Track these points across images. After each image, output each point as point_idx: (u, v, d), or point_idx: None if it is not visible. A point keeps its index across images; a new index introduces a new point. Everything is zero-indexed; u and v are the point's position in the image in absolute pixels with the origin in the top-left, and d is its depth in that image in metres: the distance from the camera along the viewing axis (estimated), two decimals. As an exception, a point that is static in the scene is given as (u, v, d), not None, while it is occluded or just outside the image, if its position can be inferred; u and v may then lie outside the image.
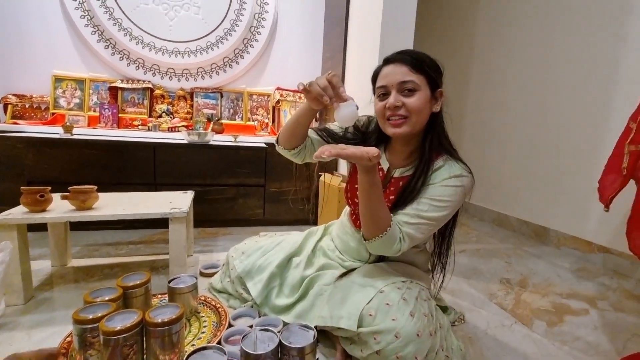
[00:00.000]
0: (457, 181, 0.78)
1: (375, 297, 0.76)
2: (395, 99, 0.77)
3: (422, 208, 0.77)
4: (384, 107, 0.80)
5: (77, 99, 2.12)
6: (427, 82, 0.79)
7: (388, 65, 0.80)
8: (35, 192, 1.04)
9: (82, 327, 0.76)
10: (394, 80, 0.78)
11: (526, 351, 0.95)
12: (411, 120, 0.79)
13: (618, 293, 1.38)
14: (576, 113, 1.86)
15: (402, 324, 0.69)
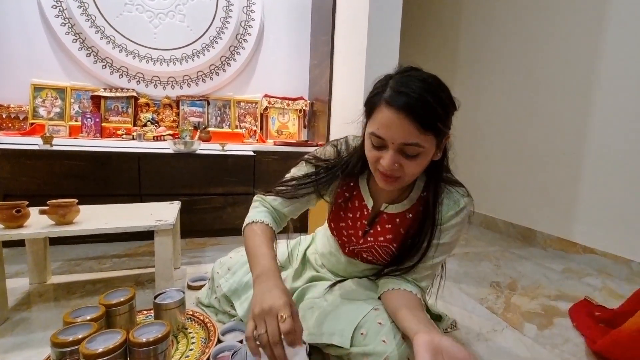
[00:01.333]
0: (463, 215, 0.74)
1: (369, 314, 0.74)
2: (392, 162, 0.63)
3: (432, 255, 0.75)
4: (376, 159, 0.66)
5: (57, 108, 2.06)
6: (435, 139, 0.64)
7: (391, 110, 0.61)
8: (11, 207, 0.99)
9: (60, 351, 0.72)
10: (395, 139, 0.62)
11: (519, 356, 0.95)
12: (405, 181, 0.68)
13: (604, 292, 1.41)
14: (560, 117, 1.91)
15: (391, 348, 0.67)
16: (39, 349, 0.89)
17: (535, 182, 2.06)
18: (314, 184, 0.80)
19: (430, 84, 0.62)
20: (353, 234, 0.84)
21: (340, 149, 0.82)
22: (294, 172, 0.86)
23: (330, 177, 0.80)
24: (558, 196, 1.91)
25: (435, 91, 0.61)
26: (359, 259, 0.88)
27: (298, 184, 0.81)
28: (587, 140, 1.74)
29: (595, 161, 1.71)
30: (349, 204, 0.84)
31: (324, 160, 0.81)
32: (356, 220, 0.83)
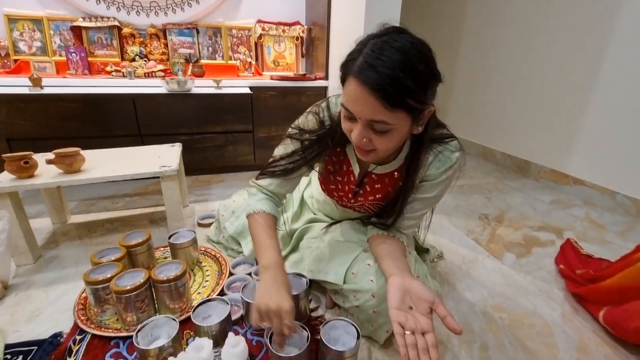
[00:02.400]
0: (450, 172, 0.73)
1: (359, 256, 0.83)
2: (360, 137, 0.60)
3: (417, 208, 0.78)
4: (349, 131, 0.63)
5: (38, 42, 1.93)
6: (408, 115, 0.58)
7: (358, 84, 0.55)
8: (19, 159, 1.02)
9: (94, 287, 0.83)
10: (360, 113, 0.58)
11: (494, 282, 1.08)
12: (378, 154, 0.65)
13: (585, 223, 1.52)
14: (565, 52, 1.79)
15: (378, 286, 0.76)
16: (74, 282, 1.02)
17: (535, 114, 2.02)
18: (303, 160, 0.78)
19: (407, 55, 0.54)
20: (343, 195, 0.87)
21: (322, 116, 0.77)
22: (281, 151, 0.82)
23: (319, 150, 0.77)
24: (557, 129, 1.90)
25: (410, 65, 0.54)
26: (352, 210, 0.94)
27: (288, 163, 0.80)
28: (596, 75, 1.66)
29: (600, 96, 1.66)
30: (337, 167, 0.84)
31: (308, 133, 0.77)
32: (345, 184, 0.84)
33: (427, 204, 0.79)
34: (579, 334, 0.88)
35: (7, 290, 0.98)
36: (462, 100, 2.64)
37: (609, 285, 0.90)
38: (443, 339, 0.84)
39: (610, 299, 0.90)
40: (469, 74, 2.54)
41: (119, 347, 0.79)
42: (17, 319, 0.88)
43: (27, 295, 0.97)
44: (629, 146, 1.56)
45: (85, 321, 0.85)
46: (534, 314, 0.94)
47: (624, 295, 0.86)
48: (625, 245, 1.33)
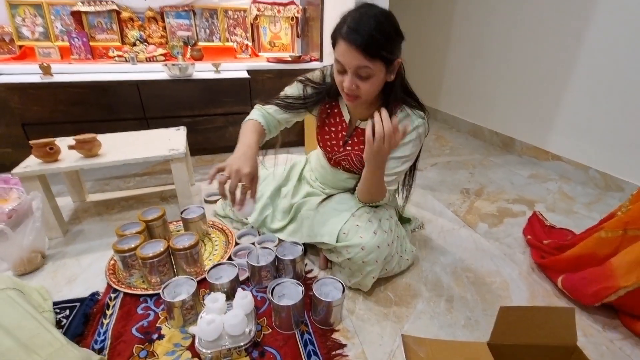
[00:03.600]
0: (415, 133, 0.90)
1: (349, 220, 0.98)
2: (350, 83, 0.80)
3: (392, 166, 0.92)
4: (340, 82, 0.83)
5: (40, 27, 1.99)
6: (382, 64, 0.78)
7: (345, 42, 0.76)
8: (44, 145, 1.15)
9: (122, 255, 0.99)
10: (350, 64, 0.78)
11: (466, 248, 1.24)
12: (363, 98, 0.84)
13: (556, 195, 1.66)
14: (546, 33, 1.86)
15: (366, 240, 0.92)
16: (101, 252, 1.18)
17: (520, 93, 2.12)
18: (303, 102, 1.02)
19: (379, 21, 0.75)
20: (335, 144, 1.04)
21: (325, 73, 1.01)
22: (288, 91, 1.04)
23: (317, 98, 1.01)
24: (539, 107, 2.01)
25: (382, 27, 0.75)
26: (340, 168, 1.09)
27: (292, 102, 1.02)
28: (579, 56, 1.74)
29: (582, 76, 1.75)
30: (331, 119, 1.04)
31: (313, 83, 1.01)
32: (337, 133, 1.03)
33: (399, 163, 0.93)
34: (531, 288, 1.05)
35: (45, 260, 1.14)
36: (453, 80, 2.71)
37: (569, 255, 1.02)
38: (416, 292, 1.01)
39: (568, 267, 1.02)
40: (461, 54, 2.60)
41: (148, 302, 0.95)
42: (57, 282, 1.04)
43: (63, 263, 1.13)
44: (603, 123, 1.68)
45: (117, 282, 1.01)
46: (496, 273, 1.11)
47: (582, 263, 0.98)
48: (589, 216, 1.48)
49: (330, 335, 0.86)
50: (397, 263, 1.02)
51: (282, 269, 1.03)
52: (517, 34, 2.10)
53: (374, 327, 0.89)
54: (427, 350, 0.67)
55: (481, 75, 2.43)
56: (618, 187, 1.63)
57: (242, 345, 0.79)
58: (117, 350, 0.81)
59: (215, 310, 0.82)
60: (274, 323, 0.89)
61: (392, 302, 0.98)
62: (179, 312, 0.86)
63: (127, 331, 0.86)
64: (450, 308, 0.96)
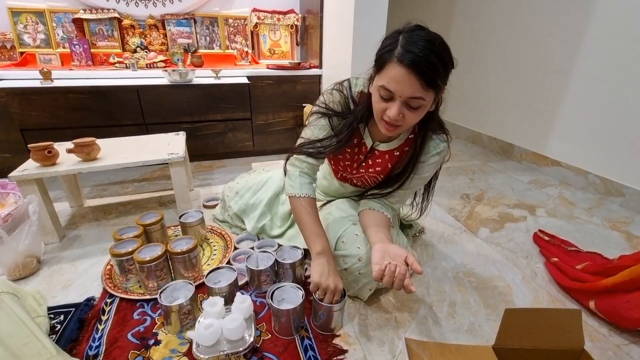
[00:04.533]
0: (439, 157, 0.90)
1: (348, 228, 0.96)
2: (397, 113, 0.72)
3: (413, 184, 0.93)
4: (382, 110, 0.75)
5: (41, 34, 2.00)
6: (435, 94, 0.73)
7: (401, 67, 0.67)
8: (43, 149, 1.14)
9: (119, 259, 0.97)
10: (403, 93, 0.69)
11: (467, 252, 1.22)
12: (403, 128, 0.78)
13: (557, 201, 1.66)
14: (544, 39, 1.88)
15: (364, 251, 0.90)
16: (97, 257, 1.16)
17: (520, 99, 2.13)
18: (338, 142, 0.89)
19: (435, 45, 0.67)
20: (349, 165, 0.99)
21: (346, 94, 0.88)
22: (315, 131, 0.92)
23: (350, 131, 0.88)
24: (538, 113, 2.02)
25: (439, 52, 0.67)
26: (348, 183, 1.07)
27: (327, 145, 0.90)
28: (576, 61, 1.76)
29: (580, 81, 1.76)
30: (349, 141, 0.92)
31: (337, 113, 0.89)
32: (354, 155, 0.96)
33: (420, 182, 0.95)
34: (535, 293, 1.03)
35: (40, 265, 1.12)
36: (452, 85, 2.72)
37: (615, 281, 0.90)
38: (418, 297, 1.00)
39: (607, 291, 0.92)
40: (460, 61, 2.62)
41: (144, 307, 0.93)
42: (53, 287, 1.02)
43: (59, 268, 1.11)
44: (602, 128, 1.69)
45: (113, 287, 0.99)
46: (499, 278, 1.09)
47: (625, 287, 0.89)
48: (590, 221, 1.47)
49: (331, 341, 0.84)
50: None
51: (281, 273, 1.01)
52: (514, 39, 2.12)
53: (376, 332, 0.87)
54: (431, 354, 0.65)
55: (479, 81, 2.46)
56: (618, 192, 1.63)
57: (241, 351, 0.77)
58: (112, 356, 0.78)
59: (214, 315, 0.80)
60: (274, 328, 0.87)
61: (393, 307, 0.96)
62: (176, 317, 0.84)
63: (123, 337, 0.84)
64: (453, 313, 0.94)
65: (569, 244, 1.24)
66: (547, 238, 1.27)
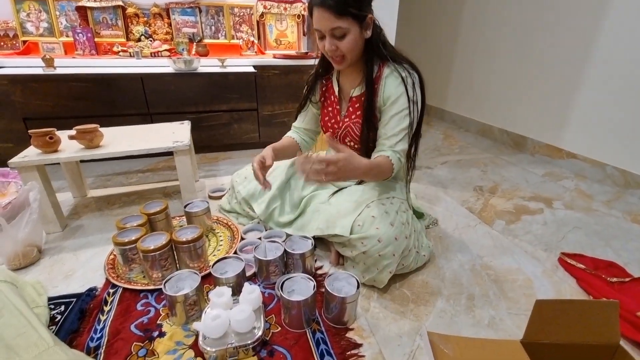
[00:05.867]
0: (401, 87, 0.89)
1: (363, 211, 0.92)
2: (330, 45, 0.85)
3: (393, 125, 0.90)
4: (323, 48, 0.88)
5: (45, 22, 1.96)
6: (354, 21, 0.83)
7: (317, 8, 0.82)
8: (44, 135, 1.10)
9: (123, 248, 0.93)
10: (324, 27, 0.83)
11: (483, 244, 1.17)
12: (348, 57, 0.88)
13: (574, 193, 1.60)
14: (560, 28, 1.81)
15: (383, 231, 0.87)
16: (100, 247, 1.12)
17: (532, 91, 2.06)
18: (306, 91, 1.09)
19: None
20: (335, 122, 1.05)
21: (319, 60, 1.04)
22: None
23: (314, 80, 1.07)
24: (552, 105, 1.95)
25: None
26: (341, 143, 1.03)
27: (302, 101, 1.11)
28: (594, 48, 1.69)
29: (597, 70, 1.70)
30: (327, 100, 1.07)
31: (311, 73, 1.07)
32: (333, 109, 1.05)
33: (400, 119, 0.90)
34: (557, 286, 0.98)
35: (41, 254, 1.08)
36: (461, 79, 2.67)
37: None
38: (434, 290, 0.95)
39: None
40: (468, 53, 2.56)
41: (148, 298, 0.89)
42: (54, 277, 0.99)
43: (60, 258, 1.07)
44: (620, 119, 1.62)
45: (116, 277, 0.95)
46: (518, 271, 1.04)
47: None
48: (610, 213, 1.41)
49: (345, 335, 0.80)
50: (413, 259, 0.96)
51: (290, 264, 0.97)
52: (527, 26, 2.05)
53: (391, 326, 0.83)
54: (455, 348, 0.60)
55: (490, 73, 2.39)
56: (638, 184, 1.56)
57: (250, 344, 0.73)
58: (115, 348, 0.75)
59: (221, 305, 0.76)
60: (283, 321, 0.83)
61: (409, 299, 0.91)
62: (181, 308, 0.80)
63: (126, 328, 0.80)
64: (472, 306, 0.90)
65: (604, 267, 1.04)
66: (574, 262, 1.06)
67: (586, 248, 1.16)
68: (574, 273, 1.03)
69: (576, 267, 1.04)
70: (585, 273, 1.02)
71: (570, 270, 1.04)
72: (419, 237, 1.01)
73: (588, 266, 1.03)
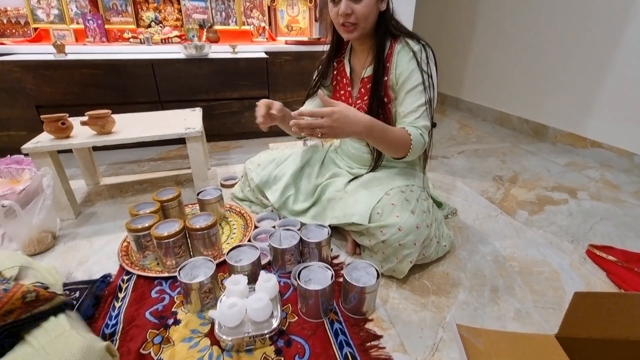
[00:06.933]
0: (413, 62, 0.86)
1: (382, 199, 0.88)
2: (345, 7, 0.82)
3: (411, 101, 0.86)
4: (336, 14, 0.85)
5: (55, 9, 1.95)
6: None
7: None
8: (56, 120, 1.09)
9: (136, 235, 0.92)
10: None
11: (506, 235, 1.12)
12: (360, 26, 0.85)
13: (599, 184, 1.53)
14: (583, 14, 1.71)
15: (404, 219, 0.83)
16: (114, 234, 1.11)
17: (554, 76, 1.97)
18: (317, 76, 1.07)
19: None
20: (347, 99, 1.03)
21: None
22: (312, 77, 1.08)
23: (327, 62, 1.05)
24: (576, 91, 1.86)
25: None
26: None
27: (313, 84, 1.08)
28: (621, 32, 1.59)
29: (623, 54, 1.60)
30: (339, 83, 1.05)
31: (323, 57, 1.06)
32: (346, 91, 1.03)
33: (416, 94, 0.86)
34: (586, 279, 0.93)
35: (55, 241, 1.08)
36: (478, 66, 2.57)
37: None
38: (455, 281, 0.91)
39: None
40: (486, 39, 2.46)
41: (162, 285, 0.88)
42: (68, 263, 0.98)
43: (75, 245, 1.06)
44: (651, 106, 1.53)
45: (130, 264, 0.94)
46: (544, 263, 0.99)
47: None
48: (638, 204, 1.35)
49: (364, 325, 0.77)
50: (434, 249, 0.92)
51: (306, 253, 0.94)
52: (549, 9, 1.95)
53: (412, 317, 0.80)
54: (485, 342, 0.57)
55: (508, 59, 2.29)
56: (669, 174, 1.49)
57: (267, 333, 0.70)
58: (130, 335, 0.73)
59: (237, 294, 0.73)
60: (300, 310, 0.80)
61: (429, 291, 0.88)
62: (196, 296, 0.78)
63: (141, 315, 0.78)
64: (496, 299, 0.86)
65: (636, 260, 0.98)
66: (604, 255, 1.00)
67: (616, 240, 1.11)
68: (604, 266, 0.98)
69: (606, 260, 0.99)
70: (616, 266, 0.96)
71: (600, 262, 0.99)
72: (439, 227, 0.97)
73: (619, 259, 0.98)
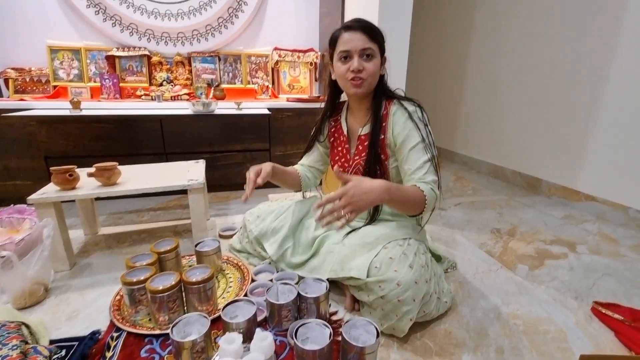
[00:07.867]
0: (410, 122, 0.93)
1: (380, 252, 0.89)
2: (358, 64, 0.91)
3: (415, 158, 0.92)
4: (347, 70, 0.93)
5: (75, 69, 2.11)
6: (379, 49, 0.94)
7: (348, 32, 0.91)
8: (64, 172, 1.13)
9: (130, 288, 0.90)
10: (357, 47, 0.90)
11: (508, 291, 1.10)
12: (367, 81, 0.93)
13: (597, 237, 1.53)
14: (574, 68, 1.86)
15: (402, 274, 0.82)
16: (107, 287, 1.09)
17: (546, 132, 2.08)
18: (314, 133, 1.16)
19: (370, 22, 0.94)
20: (345, 160, 1.08)
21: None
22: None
23: (322, 121, 1.14)
24: (568, 146, 1.95)
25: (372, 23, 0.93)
26: None
27: (309, 141, 1.18)
28: (602, 93, 1.72)
29: (609, 111, 1.71)
30: (336, 140, 1.11)
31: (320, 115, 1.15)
32: (343, 148, 1.09)
33: (419, 151, 0.92)
34: (594, 340, 0.90)
35: (47, 293, 1.05)
36: (471, 120, 2.72)
37: None
38: (459, 341, 0.87)
39: None
40: (478, 91, 2.63)
41: (153, 344, 0.84)
42: (58, 318, 0.95)
43: (66, 298, 1.04)
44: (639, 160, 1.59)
45: (121, 320, 0.91)
46: (549, 321, 0.96)
47: None
48: (639, 259, 1.34)
49: (363, 390, 0.73)
50: (435, 305, 0.90)
51: (304, 308, 0.91)
52: (539, 64, 2.12)
53: (414, 381, 0.75)
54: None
55: (500, 114, 2.43)
56: (666, 228, 1.50)
57: (261, 399, 0.66)
58: (114, 400, 0.69)
59: (231, 354, 0.70)
60: (296, 373, 0.76)
61: (432, 351, 0.84)
62: (188, 355, 0.75)
63: (128, 377, 0.74)
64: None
65: None
66: (609, 313, 0.98)
67: (620, 297, 1.08)
68: (611, 324, 0.95)
69: (612, 318, 0.96)
70: (623, 325, 0.93)
71: (606, 321, 0.96)
72: (439, 282, 0.96)
73: (626, 317, 0.95)
